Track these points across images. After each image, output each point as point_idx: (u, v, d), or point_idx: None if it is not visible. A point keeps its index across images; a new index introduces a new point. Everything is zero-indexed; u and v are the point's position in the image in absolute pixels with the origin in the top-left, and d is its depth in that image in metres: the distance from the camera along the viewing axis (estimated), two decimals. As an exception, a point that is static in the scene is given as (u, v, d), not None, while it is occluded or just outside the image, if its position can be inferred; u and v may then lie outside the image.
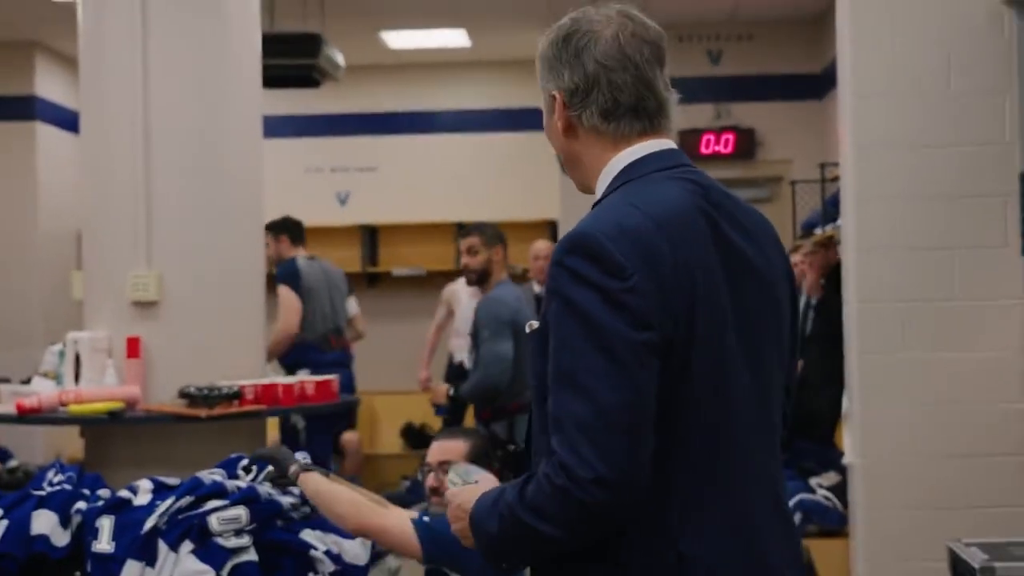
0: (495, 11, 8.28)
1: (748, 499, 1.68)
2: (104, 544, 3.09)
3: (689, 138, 8.72)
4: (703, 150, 8.81)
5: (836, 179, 5.34)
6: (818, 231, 6.32)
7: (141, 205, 4.91)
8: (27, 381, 5.11)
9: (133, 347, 4.84)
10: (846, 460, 4.36)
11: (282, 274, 6.79)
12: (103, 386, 4.79)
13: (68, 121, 8.68)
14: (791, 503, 4.99)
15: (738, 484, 1.67)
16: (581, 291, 1.55)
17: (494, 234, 5.52)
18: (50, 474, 3.55)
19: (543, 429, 1.61)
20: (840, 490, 4.96)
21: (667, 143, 1.75)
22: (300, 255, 6.93)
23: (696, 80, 8.76)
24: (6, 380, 5.57)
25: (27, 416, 4.73)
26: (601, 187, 1.74)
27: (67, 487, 3.38)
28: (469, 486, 1.86)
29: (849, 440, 4.30)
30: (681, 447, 1.61)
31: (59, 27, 6.96)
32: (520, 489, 1.59)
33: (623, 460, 1.50)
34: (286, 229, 7.03)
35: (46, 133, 9.18)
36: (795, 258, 6.98)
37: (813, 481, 5.28)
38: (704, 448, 1.63)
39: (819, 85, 8.40)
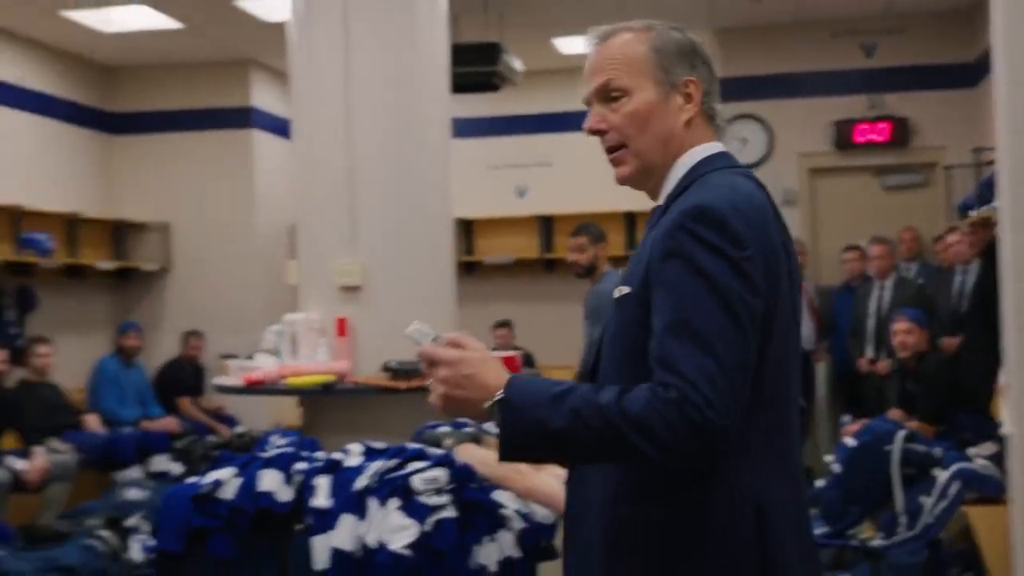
0: (657, 16, 8.18)
1: (797, 453, 1.78)
2: (321, 500, 3.17)
3: (843, 128, 8.52)
4: (856, 139, 8.56)
5: (991, 163, 5.15)
6: (972, 213, 6.07)
7: (346, 201, 5.02)
8: (251, 357, 5.27)
9: (342, 327, 4.96)
10: (1003, 431, 4.17)
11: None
12: (317, 361, 4.93)
13: (280, 128, 8.93)
14: (950, 472, 4.83)
15: (793, 440, 1.76)
16: (707, 256, 1.58)
17: (599, 233, 5.63)
18: (274, 438, 3.66)
19: (621, 380, 1.63)
20: (998, 459, 4.75)
21: (723, 146, 1.83)
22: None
23: (851, 72, 8.54)
24: (234, 357, 5.76)
25: (252, 388, 4.90)
26: (673, 177, 1.78)
27: (289, 450, 3.48)
28: (477, 356, 1.68)
29: (1006, 412, 4.10)
30: (762, 407, 1.64)
31: (271, 46, 7.18)
32: (618, 400, 1.55)
33: (732, 411, 1.53)
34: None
35: (261, 139, 9.47)
36: (953, 237, 6.73)
37: (971, 451, 5.06)
38: (774, 406, 1.69)
39: (972, 73, 8.02)
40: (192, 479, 3.40)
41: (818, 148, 8.65)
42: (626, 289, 1.72)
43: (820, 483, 5.33)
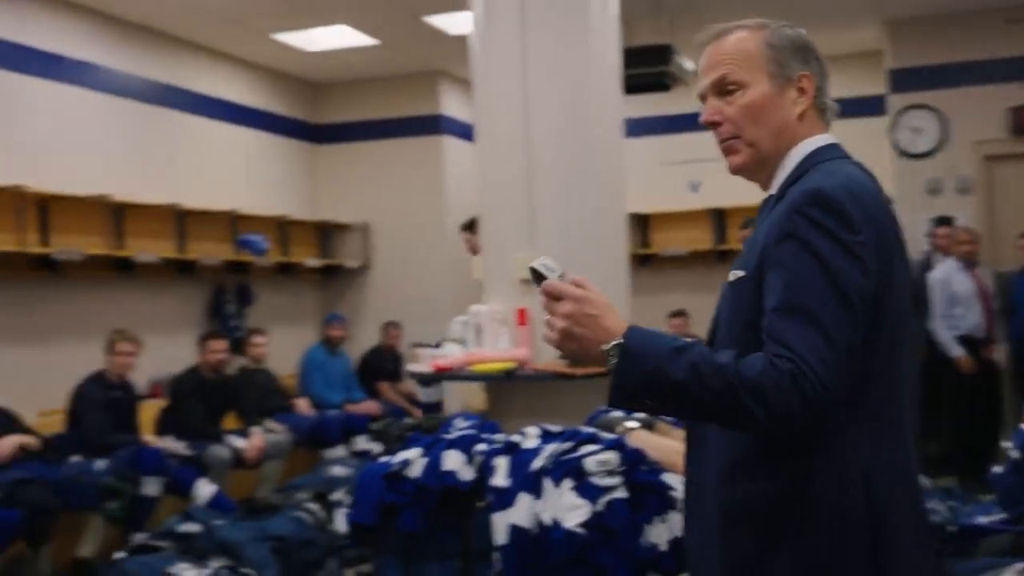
0: (823, 12, 7.96)
1: (906, 428, 1.73)
2: (500, 479, 3.22)
3: (1019, 114, 8.05)
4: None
5: None
6: None
7: (525, 199, 5.06)
8: (439, 346, 5.38)
9: (522, 317, 5.00)
10: None
11: None
12: (499, 349, 4.98)
13: (467, 133, 9.06)
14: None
15: (903, 414, 1.72)
16: (822, 239, 1.58)
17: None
18: (457, 421, 3.75)
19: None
20: None
21: (834, 138, 1.81)
22: None
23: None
24: (424, 345, 5.89)
25: (440, 374, 4.99)
26: (786, 167, 1.77)
27: (470, 432, 3.55)
28: (602, 298, 1.64)
29: None
30: (871, 381, 1.63)
31: (458, 57, 7.28)
32: (736, 363, 1.54)
33: (838, 386, 1.52)
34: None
35: (451, 144, 9.66)
36: None
37: None
38: (885, 382, 1.67)
39: None
40: (384, 459, 3.52)
41: (993, 135, 8.19)
42: (740, 273, 1.72)
43: (997, 469, 5.05)
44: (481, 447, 3.38)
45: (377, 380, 8.71)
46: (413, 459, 3.37)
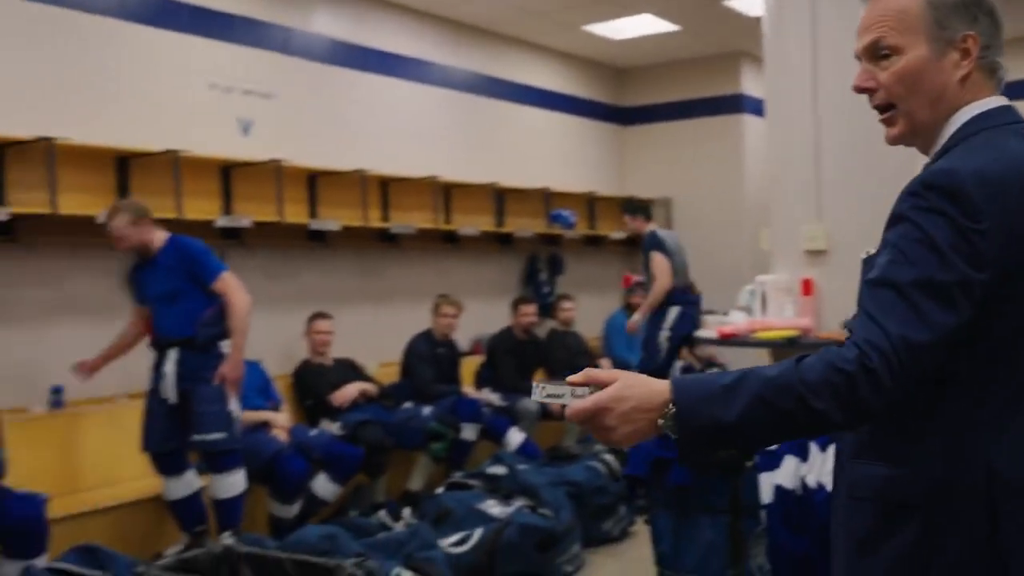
0: None
1: None
2: (769, 442, 3.13)
3: None
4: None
5: None
6: None
7: (813, 174, 4.85)
8: (726, 313, 5.27)
9: (807, 287, 4.80)
10: None
11: (651, 243, 6.86)
12: (783, 318, 4.81)
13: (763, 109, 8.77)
14: None
15: None
16: (935, 221, 1.38)
17: None
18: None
19: None
20: None
21: (1005, 100, 1.56)
22: (653, 228, 7.05)
23: None
24: (713, 312, 5.78)
25: (726, 339, 4.89)
26: (944, 135, 1.53)
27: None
28: (622, 385, 1.40)
29: None
30: (997, 369, 1.44)
31: (757, 38, 7.03)
32: (796, 370, 1.35)
33: (913, 375, 1.35)
34: (640, 210, 7.17)
35: (749, 122, 9.37)
36: None
37: None
38: (1009, 372, 1.44)
39: None
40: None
41: None
42: (872, 250, 1.54)
43: None
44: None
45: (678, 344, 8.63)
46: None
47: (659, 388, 1.39)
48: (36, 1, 5.17)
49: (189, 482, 4.70)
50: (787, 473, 2.99)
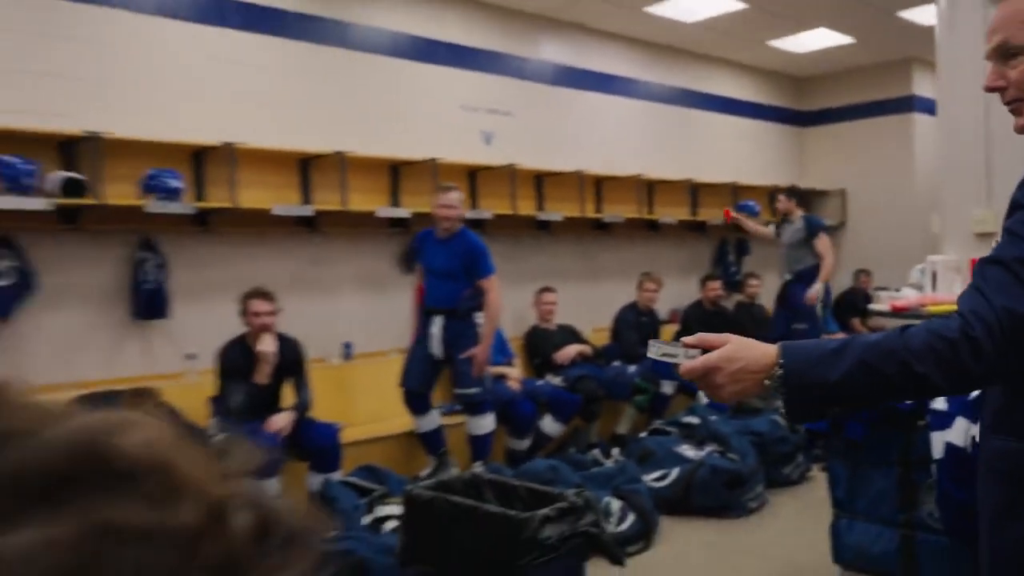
0: None
1: None
2: (940, 403, 2.86)
3: None
4: None
5: None
6: None
7: (982, 162, 4.42)
8: (899, 290, 4.89)
9: (975, 266, 4.39)
10: None
11: (818, 226, 6.61)
12: (952, 293, 4.42)
13: (933, 108, 8.06)
14: None
15: None
16: None
17: None
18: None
19: None
20: None
21: None
22: (803, 213, 6.65)
23: None
24: (886, 289, 5.38)
25: (898, 312, 4.54)
26: None
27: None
28: (732, 347, 1.25)
29: None
30: None
31: (928, 44, 6.46)
32: (901, 337, 1.18)
33: (1015, 344, 1.16)
34: (797, 194, 6.69)
35: (920, 120, 8.65)
36: None
37: None
38: None
39: None
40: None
41: None
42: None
43: None
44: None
45: (850, 317, 8.14)
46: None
47: (768, 351, 1.27)
48: (329, 45, 5.48)
49: (433, 419, 4.81)
50: (958, 432, 2.73)
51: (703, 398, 6.04)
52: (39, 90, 4.23)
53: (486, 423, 4.77)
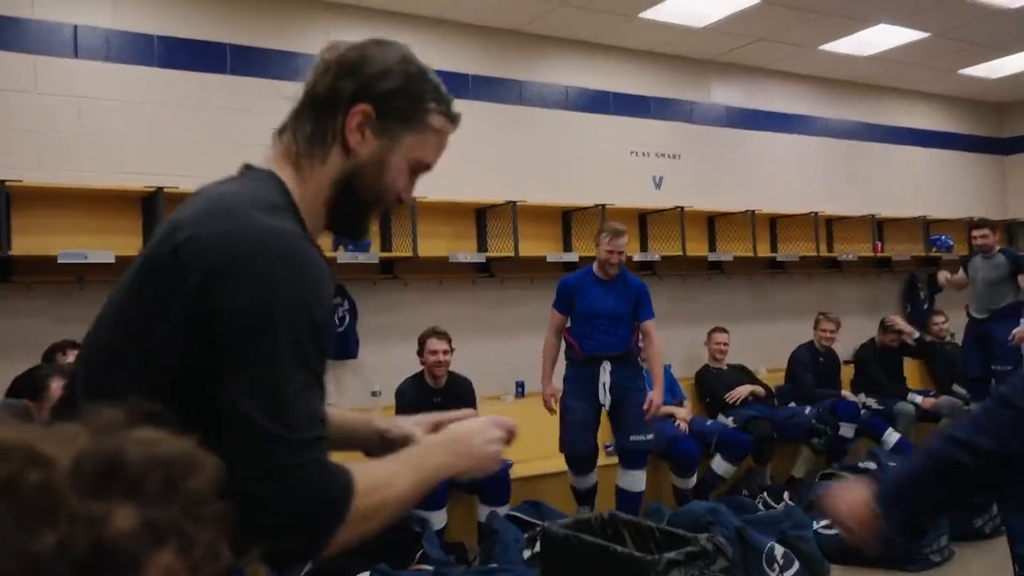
0: None
1: None
2: None
3: None
4: None
5: None
6: None
7: None
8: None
9: None
10: None
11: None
12: None
13: None
14: None
15: None
16: None
17: None
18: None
19: None
20: None
21: None
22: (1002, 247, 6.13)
23: None
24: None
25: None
26: None
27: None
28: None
29: None
30: None
31: None
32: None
33: None
34: (993, 226, 6.02)
35: None
36: None
37: None
38: None
39: None
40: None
41: None
42: None
43: None
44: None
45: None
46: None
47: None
48: (506, 104, 5.72)
49: (594, 476, 4.55)
50: None
51: (888, 441, 5.62)
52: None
53: (638, 479, 4.42)
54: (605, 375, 4.38)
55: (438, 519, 4.13)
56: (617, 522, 2.49)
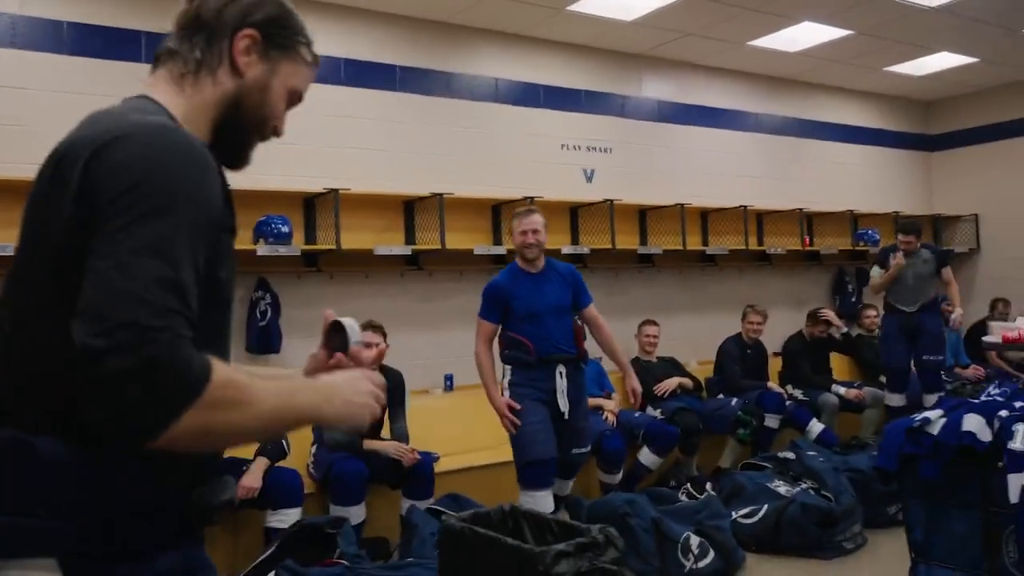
0: None
1: None
2: (1018, 444, 2.58)
3: None
4: None
5: None
6: None
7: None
8: (1014, 320, 4.46)
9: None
10: None
11: (948, 254, 6.15)
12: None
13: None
14: None
15: None
16: None
17: None
18: (991, 388, 3.08)
19: None
20: None
21: None
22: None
23: None
24: (999, 319, 4.92)
25: (1009, 344, 4.14)
26: None
27: (998, 399, 2.89)
28: None
29: None
30: None
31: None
32: None
33: None
34: (917, 230, 6.03)
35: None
36: None
37: None
38: None
39: None
40: (912, 416, 3.03)
41: None
42: None
43: None
44: (1003, 412, 2.74)
45: (984, 349, 7.45)
46: (933, 419, 2.85)
47: None
48: (433, 96, 5.66)
49: (548, 497, 3.96)
50: (1034, 475, 2.45)
51: (812, 432, 5.71)
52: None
53: (570, 484, 4.23)
54: (561, 381, 4.01)
55: (356, 514, 4.08)
56: (517, 514, 2.48)
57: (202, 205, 1.00)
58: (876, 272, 6.10)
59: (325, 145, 5.20)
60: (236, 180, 1.22)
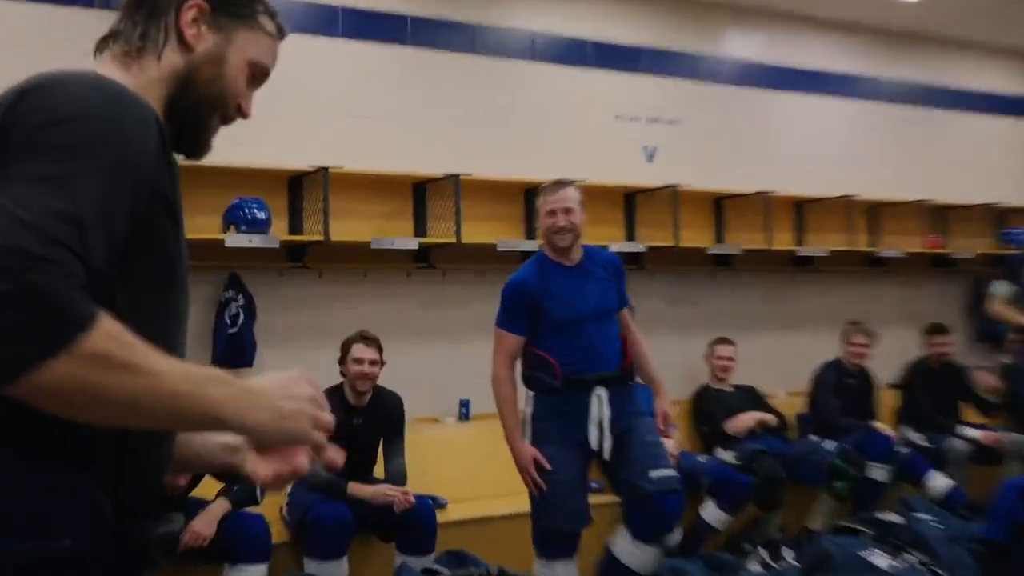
0: None
1: None
2: None
3: None
4: None
5: None
6: None
7: None
8: None
9: None
10: None
11: None
12: None
13: None
14: None
15: None
16: None
17: None
18: None
19: None
20: None
21: None
22: None
23: None
24: None
25: None
26: None
27: None
28: None
29: None
30: None
31: None
32: None
33: None
34: None
35: None
36: None
37: None
38: None
39: None
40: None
41: None
42: None
43: None
44: None
45: None
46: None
47: None
48: (452, 51, 5.64)
49: (572, 568, 3.79)
50: None
51: (935, 488, 5.52)
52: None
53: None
54: (602, 408, 3.73)
55: (335, 572, 4.05)
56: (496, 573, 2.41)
57: (130, 158, 1.10)
58: (1003, 290, 5.81)
59: (315, 112, 5.22)
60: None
